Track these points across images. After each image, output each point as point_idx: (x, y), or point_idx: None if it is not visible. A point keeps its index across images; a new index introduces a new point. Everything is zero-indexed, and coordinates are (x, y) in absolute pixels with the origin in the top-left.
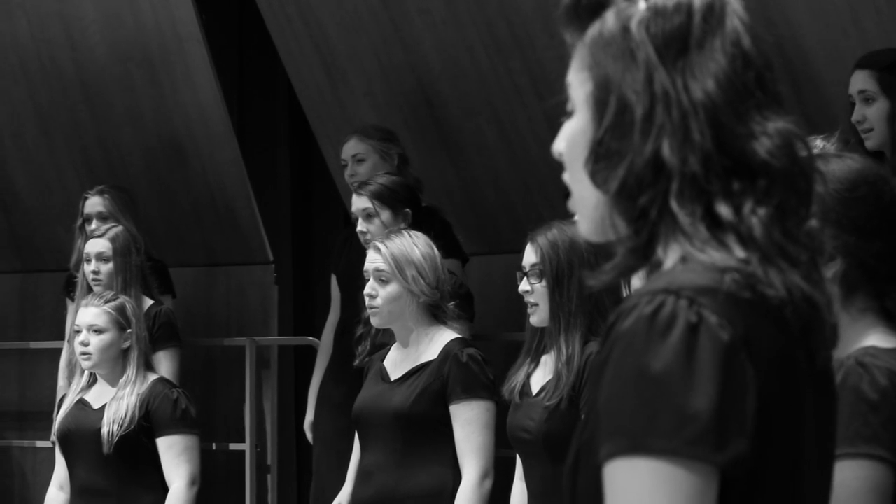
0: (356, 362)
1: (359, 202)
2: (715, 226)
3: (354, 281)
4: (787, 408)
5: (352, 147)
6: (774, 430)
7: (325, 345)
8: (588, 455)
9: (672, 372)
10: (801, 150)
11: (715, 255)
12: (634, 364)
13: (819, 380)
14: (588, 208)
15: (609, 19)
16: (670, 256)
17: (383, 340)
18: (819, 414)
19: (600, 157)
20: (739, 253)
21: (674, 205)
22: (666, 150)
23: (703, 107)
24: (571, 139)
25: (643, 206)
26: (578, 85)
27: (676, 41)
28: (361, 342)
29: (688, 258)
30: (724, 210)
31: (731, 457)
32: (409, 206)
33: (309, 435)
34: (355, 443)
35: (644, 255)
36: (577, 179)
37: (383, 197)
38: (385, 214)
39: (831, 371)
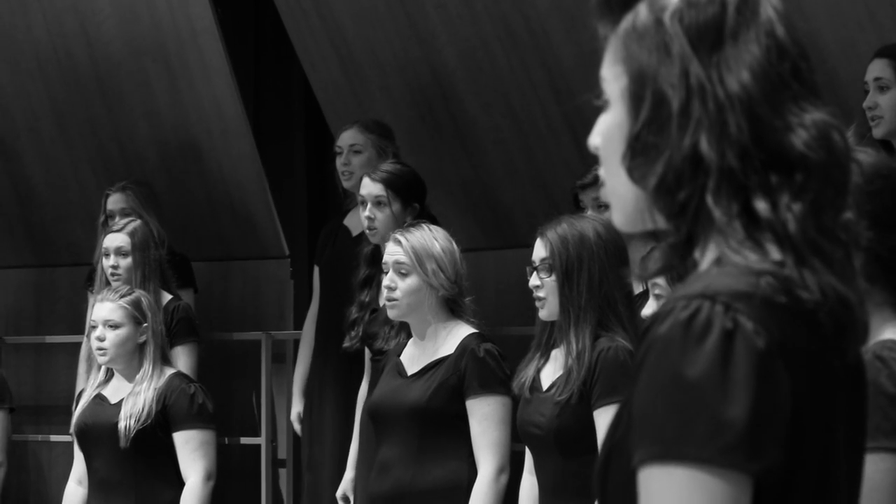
0: (346, 343)
1: (371, 187)
2: (751, 223)
3: (337, 273)
4: (819, 412)
5: (351, 137)
6: (807, 435)
7: (307, 336)
8: (620, 454)
9: (707, 379)
10: (838, 140)
11: (750, 257)
12: (669, 370)
13: (851, 375)
14: (623, 201)
15: (642, 11)
16: (707, 255)
17: (373, 330)
18: (850, 410)
19: (637, 153)
20: (775, 254)
21: (710, 201)
22: (704, 144)
23: (739, 99)
24: (607, 134)
25: (682, 201)
26: (613, 79)
27: (710, 32)
28: (354, 327)
29: (723, 260)
30: (761, 206)
31: (764, 465)
32: (418, 201)
33: (296, 426)
34: (354, 433)
35: (685, 251)
36: (612, 174)
37: (397, 188)
38: (396, 206)
39: (862, 366)
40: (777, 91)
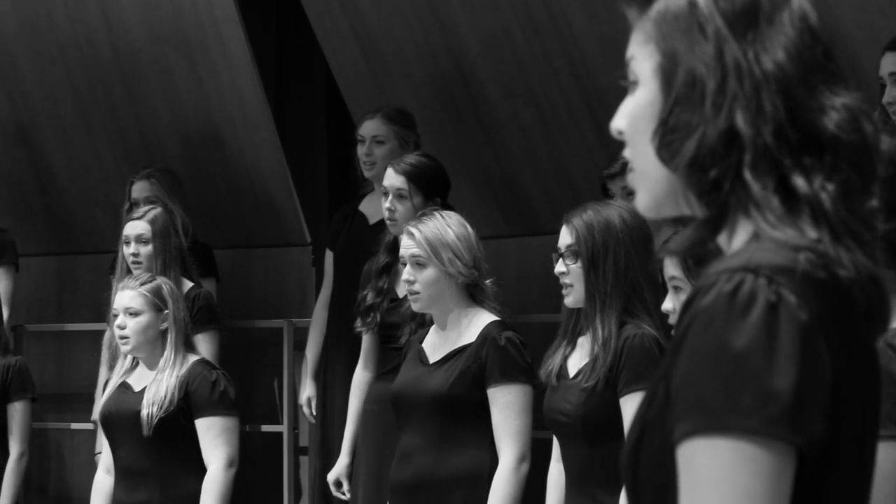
0: (357, 325)
1: (394, 179)
2: (786, 199)
3: (352, 259)
4: (855, 388)
5: (373, 127)
6: (844, 410)
7: (317, 321)
8: (653, 433)
9: (753, 350)
10: (867, 125)
11: (788, 233)
12: (714, 341)
13: (872, 358)
14: (651, 182)
15: None
16: (739, 233)
17: (393, 320)
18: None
19: (669, 130)
20: (810, 231)
21: (748, 176)
22: (740, 121)
23: (775, 78)
24: (635, 113)
25: (715, 178)
26: (644, 58)
27: (746, 15)
28: (371, 312)
29: (761, 235)
30: (799, 182)
31: (809, 437)
32: (440, 196)
33: (306, 410)
34: (349, 418)
35: (716, 226)
36: (640, 154)
37: (420, 182)
38: (417, 199)
39: (876, 353)
40: (811, 73)
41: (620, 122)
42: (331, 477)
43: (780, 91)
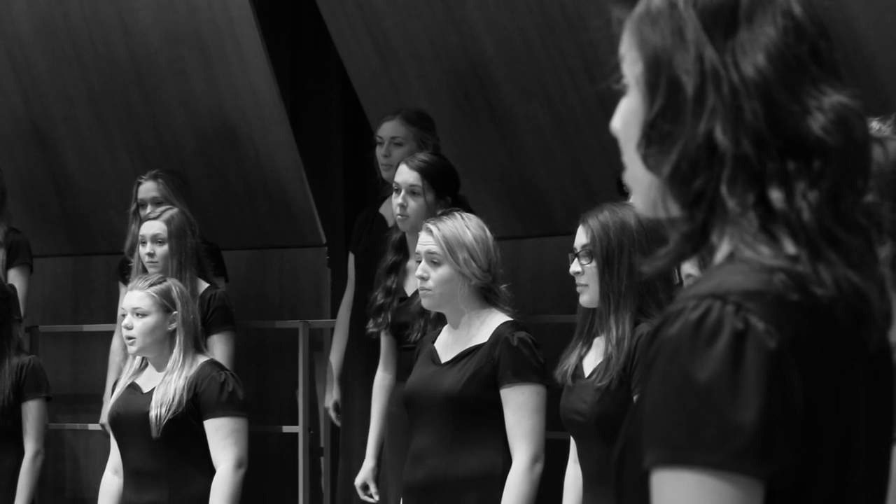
0: (369, 326)
1: (407, 175)
2: (767, 214)
3: (373, 261)
4: (835, 410)
5: (392, 128)
6: (822, 435)
7: (341, 323)
8: (634, 450)
9: (717, 382)
10: (857, 124)
11: (763, 252)
12: (679, 373)
13: (874, 364)
14: (642, 187)
15: None
16: (722, 248)
17: (403, 319)
18: (876, 401)
19: (652, 140)
20: (789, 248)
21: (724, 192)
22: (718, 132)
23: (755, 84)
24: (625, 119)
25: (697, 190)
26: (630, 63)
27: (725, 15)
28: (381, 312)
29: (736, 255)
30: (775, 196)
31: (776, 469)
32: (451, 194)
33: (332, 415)
34: (373, 421)
35: (698, 242)
36: (631, 159)
37: (434, 179)
38: (429, 196)
39: (888, 351)
40: (794, 74)
41: (616, 123)
42: (358, 481)
43: (761, 97)
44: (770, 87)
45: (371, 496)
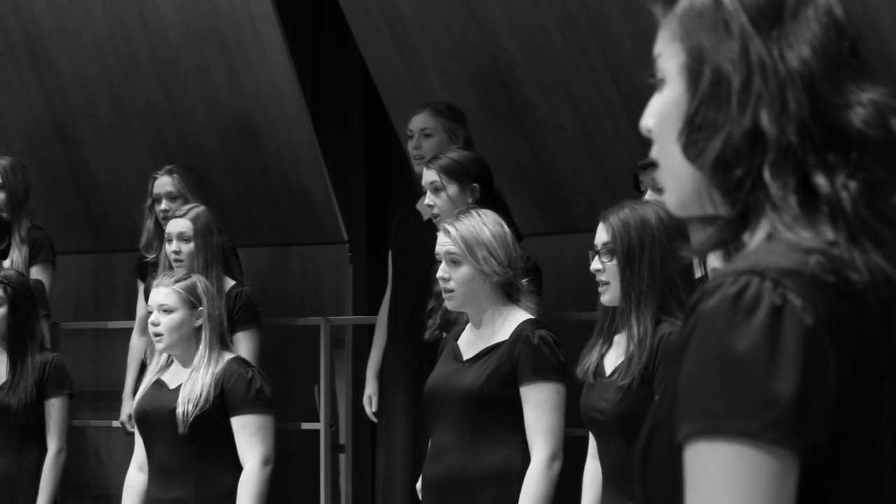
0: (426, 335)
1: (428, 175)
2: (806, 199)
3: (409, 258)
4: (866, 394)
5: (421, 121)
6: (853, 416)
7: (381, 321)
8: (662, 432)
9: (755, 354)
10: (894, 121)
11: (802, 234)
12: (717, 344)
13: (894, 359)
14: (678, 181)
15: None
16: (758, 232)
17: (452, 316)
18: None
19: (695, 129)
20: (827, 232)
21: (767, 176)
22: (764, 120)
23: (800, 75)
24: (662, 111)
25: (739, 177)
26: (671, 56)
27: (770, 11)
28: (432, 315)
29: (774, 236)
30: (820, 181)
31: (810, 442)
32: (477, 182)
33: (368, 410)
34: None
35: (739, 227)
36: (667, 152)
37: (451, 171)
38: (452, 189)
39: None
40: (837, 68)
41: (649, 120)
42: (419, 485)
43: (805, 88)
44: (815, 79)
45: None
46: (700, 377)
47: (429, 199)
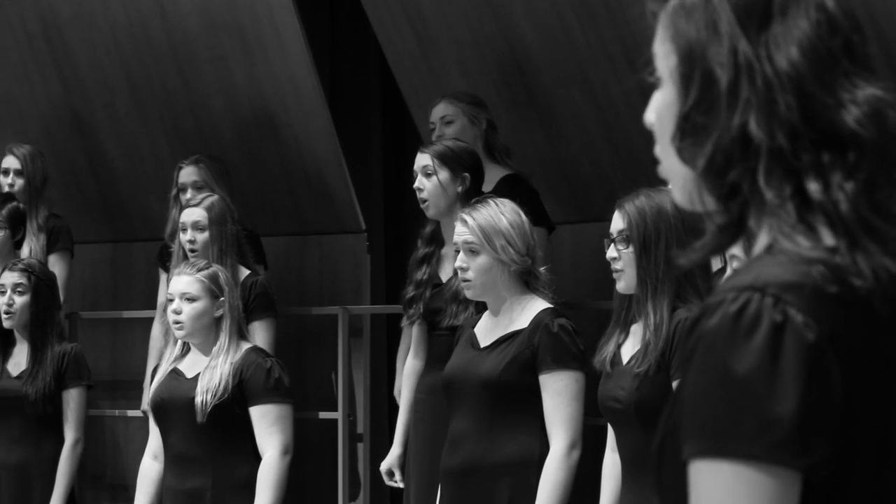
0: (404, 323)
1: (420, 159)
2: (804, 205)
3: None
4: (875, 403)
5: (441, 109)
6: (860, 428)
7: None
8: (674, 442)
9: (756, 374)
10: (892, 116)
11: (802, 244)
12: (718, 365)
13: None
14: (679, 179)
15: None
16: (760, 239)
17: (436, 305)
18: None
19: (686, 133)
20: (828, 239)
21: (762, 183)
22: (753, 124)
23: (789, 77)
24: (659, 112)
25: (732, 183)
26: (663, 56)
27: (758, 8)
28: (413, 304)
29: (775, 246)
30: (812, 187)
31: (813, 461)
32: (469, 172)
33: (399, 400)
34: (401, 409)
35: (735, 233)
36: (666, 152)
37: (444, 157)
38: (443, 174)
39: None
40: (828, 67)
41: (651, 115)
42: (383, 467)
43: (795, 90)
44: (803, 80)
45: (396, 482)
46: (702, 398)
47: (418, 182)
